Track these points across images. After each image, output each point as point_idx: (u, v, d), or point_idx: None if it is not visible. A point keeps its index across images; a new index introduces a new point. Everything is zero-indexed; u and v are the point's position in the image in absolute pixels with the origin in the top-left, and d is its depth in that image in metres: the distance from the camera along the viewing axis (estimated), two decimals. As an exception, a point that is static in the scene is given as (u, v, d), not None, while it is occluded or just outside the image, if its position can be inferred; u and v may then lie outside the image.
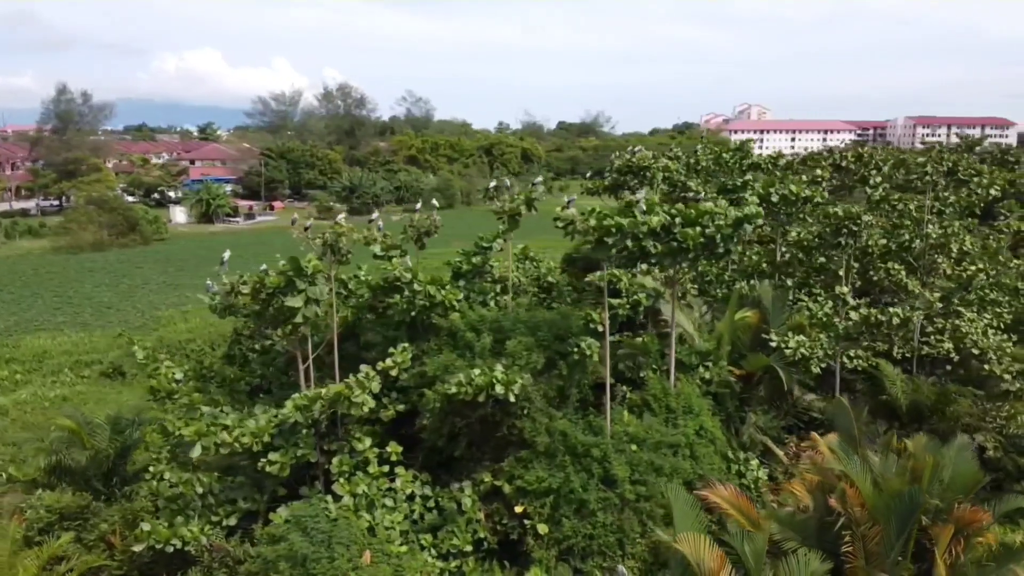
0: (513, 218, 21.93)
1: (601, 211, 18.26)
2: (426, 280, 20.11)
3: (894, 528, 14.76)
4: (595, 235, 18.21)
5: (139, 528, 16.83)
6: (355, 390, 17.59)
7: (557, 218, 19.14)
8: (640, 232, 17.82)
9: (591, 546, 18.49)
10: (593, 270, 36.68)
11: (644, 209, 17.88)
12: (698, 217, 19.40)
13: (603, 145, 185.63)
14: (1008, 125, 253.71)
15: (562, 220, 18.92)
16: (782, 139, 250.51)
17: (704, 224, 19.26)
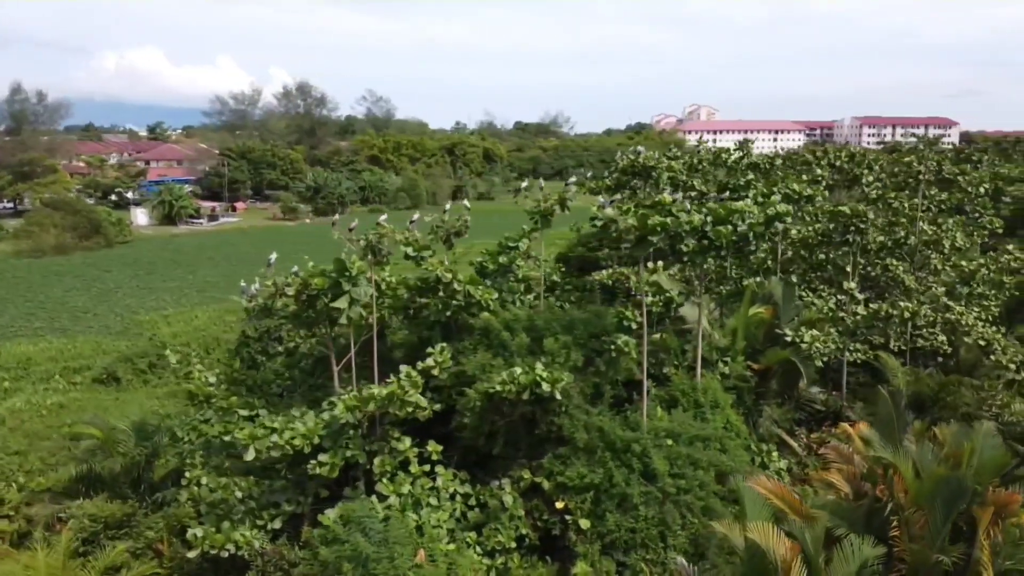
0: (545, 218, 22.17)
1: (643, 211, 18.64)
2: (466, 280, 20.19)
3: (939, 513, 15.38)
4: (636, 234, 18.57)
5: (191, 534, 16.65)
6: (408, 390, 17.64)
7: (595, 217, 19.47)
8: (683, 231, 18.26)
9: (634, 539, 18.86)
10: (589, 269, 37.30)
11: (687, 208, 18.30)
12: (728, 216, 19.95)
13: (563, 145, 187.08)
14: (951, 125, 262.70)
15: (601, 219, 19.25)
16: (735, 139, 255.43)
17: (734, 223, 19.81)
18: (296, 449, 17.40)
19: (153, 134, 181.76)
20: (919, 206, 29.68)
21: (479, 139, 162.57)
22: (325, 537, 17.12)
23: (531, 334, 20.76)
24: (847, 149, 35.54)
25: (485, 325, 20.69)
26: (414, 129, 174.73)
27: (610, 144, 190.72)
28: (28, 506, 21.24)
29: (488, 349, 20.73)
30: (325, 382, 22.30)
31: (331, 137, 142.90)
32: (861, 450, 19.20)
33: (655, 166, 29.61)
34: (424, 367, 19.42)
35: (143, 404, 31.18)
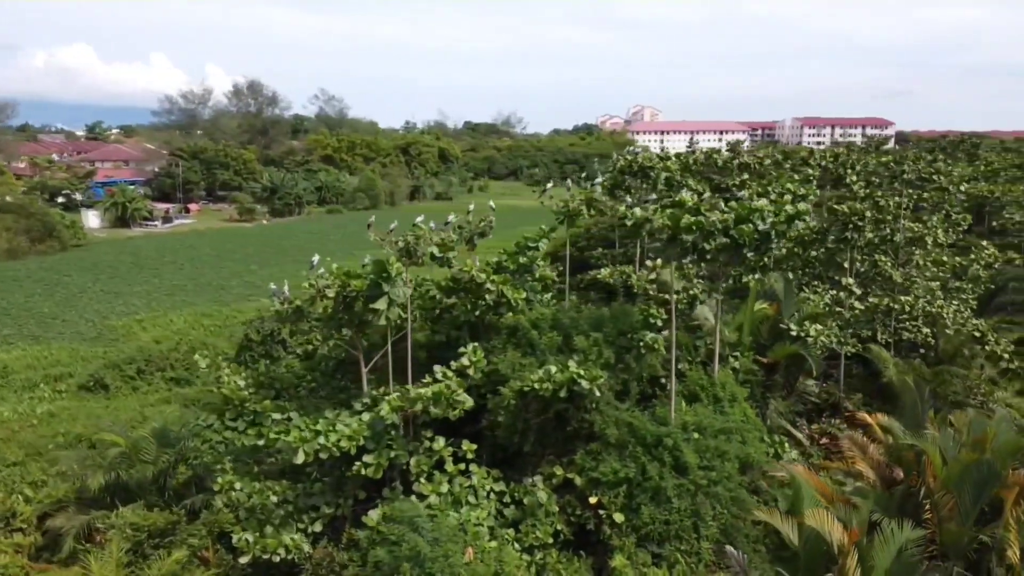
0: (572, 218, 22.48)
1: (673, 211, 19.12)
2: (500, 280, 20.36)
3: (970, 495, 16.26)
4: (668, 233, 19.04)
5: (240, 539, 16.50)
6: (456, 389, 17.77)
7: (624, 216, 19.89)
8: (716, 229, 18.80)
9: (668, 531, 19.32)
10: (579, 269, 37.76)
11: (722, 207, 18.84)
12: (748, 215, 20.57)
13: (516, 145, 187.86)
14: (887, 125, 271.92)
15: (631, 219, 19.67)
16: (681, 140, 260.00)
17: (754, 221, 20.45)
18: (343, 451, 17.36)
19: (93, 134, 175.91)
20: (902, 204, 30.93)
21: (434, 139, 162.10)
22: (372, 538, 17.17)
23: (557, 332, 21.09)
24: (831, 150, 36.79)
25: (514, 324, 20.91)
26: (366, 128, 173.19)
27: (562, 144, 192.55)
28: (45, 518, 20.68)
29: (516, 348, 20.98)
30: (348, 384, 22.24)
31: (284, 137, 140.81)
32: (882, 439, 20.09)
33: (653, 166, 30.19)
34: (459, 366, 19.56)
35: (137, 411, 30.54)
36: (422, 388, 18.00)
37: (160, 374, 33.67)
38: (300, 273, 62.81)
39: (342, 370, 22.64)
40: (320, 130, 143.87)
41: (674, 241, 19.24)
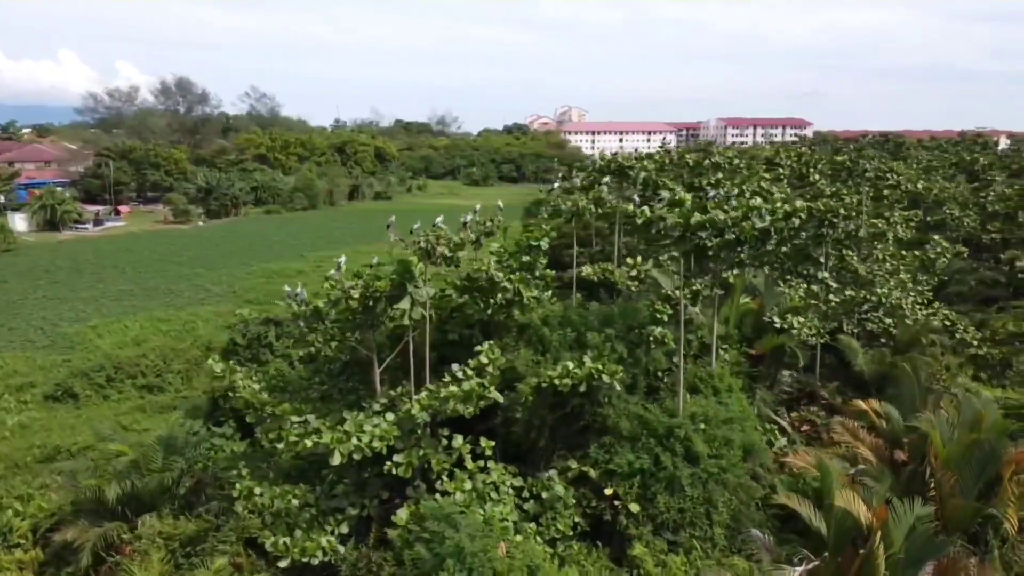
0: (578, 217, 22.91)
1: (684, 209, 19.80)
2: (517, 279, 20.64)
3: (973, 472, 17.48)
4: (680, 232, 19.72)
5: (279, 543, 16.39)
6: (489, 386, 18.01)
7: (631, 215, 20.48)
8: (727, 227, 19.56)
9: (683, 519, 20.04)
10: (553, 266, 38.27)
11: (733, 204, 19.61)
12: (748, 213, 21.45)
13: (453, 145, 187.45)
14: (805, 125, 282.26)
15: (640, 217, 20.27)
16: (611, 140, 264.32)
17: (752, 219, 21.33)
18: (375, 451, 17.40)
19: (7, 133, 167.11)
20: (862, 200, 32.58)
21: (369, 137, 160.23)
22: (405, 536, 17.27)
23: (570, 329, 21.54)
24: (794, 149, 38.36)
25: (525, 322, 21.25)
26: (299, 127, 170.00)
27: (498, 144, 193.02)
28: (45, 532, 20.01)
29: (528, 346, 21.35)
30: (355, 385, 22.18)
31: (214, 136, 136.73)
32: (876, 424, 21.27)
33: (632, 166, 30.96)
34: (476, 364, 19.79)
35: (112, 420, 29.60)
36: (452, 387, 18.12)
37: (130, 382, 32.63)
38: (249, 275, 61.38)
39: (347, 372, 22.54)
40: (252, 129, 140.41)
41: (683, 239, 19.91)
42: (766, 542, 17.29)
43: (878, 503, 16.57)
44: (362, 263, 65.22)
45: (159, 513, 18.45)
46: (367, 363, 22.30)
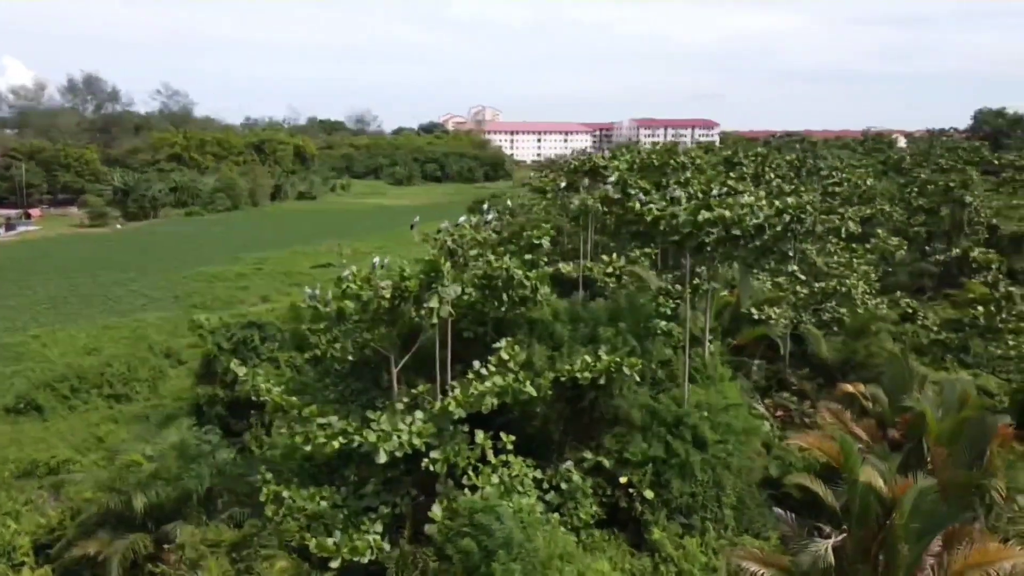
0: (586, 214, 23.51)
1: (696, 206, 20.74)
2: (536, 276, 21.07)
3: (967, 446, 19.02)
4: (689, 228, 20.66)
5: (328, 543, 16.41)
6: (524, 382, 18.43)
7: (641, 213, 21.29)
8: (733, 223, 20.61)
9: (695, 503, 21.05)
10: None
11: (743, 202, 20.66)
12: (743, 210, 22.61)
13: (374, 143, 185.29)
14: (713, 126, 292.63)
15: (649, 215, 21.11)
16: (530, 140, 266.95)
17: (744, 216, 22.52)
18: (415, 448, 17.59)
19: None
20: (815, 198, 34.53)
21: (288, 136, 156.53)
22: (445, 532, 17.50)
23: (584, 324, 22.19)
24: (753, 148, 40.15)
25: (538, 319, 21.76)
26: (212, 125, 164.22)
27: (420, 143, 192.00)
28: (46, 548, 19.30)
29: (540, 341, 21.86)
30: (367, 386, 22.20)
31: (127, 135, 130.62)
32: (865, 406, 22.78)
33: (607, 166, 31.87)
34: (497, 361, 20.19)
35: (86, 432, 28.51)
36: (487, 382, 18.47)
37: (96, 392, 31.39)
38: (187, 279, 59.39)
39: (355, 373, 22.52)
40: (165, 127, 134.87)
41: (690, 235, 20.86)
42: (789, 519, 18.29)
43: (890, 473, 17.88)
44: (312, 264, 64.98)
45: (187, 521, 18.07)
46: (376, 364, 22.41)
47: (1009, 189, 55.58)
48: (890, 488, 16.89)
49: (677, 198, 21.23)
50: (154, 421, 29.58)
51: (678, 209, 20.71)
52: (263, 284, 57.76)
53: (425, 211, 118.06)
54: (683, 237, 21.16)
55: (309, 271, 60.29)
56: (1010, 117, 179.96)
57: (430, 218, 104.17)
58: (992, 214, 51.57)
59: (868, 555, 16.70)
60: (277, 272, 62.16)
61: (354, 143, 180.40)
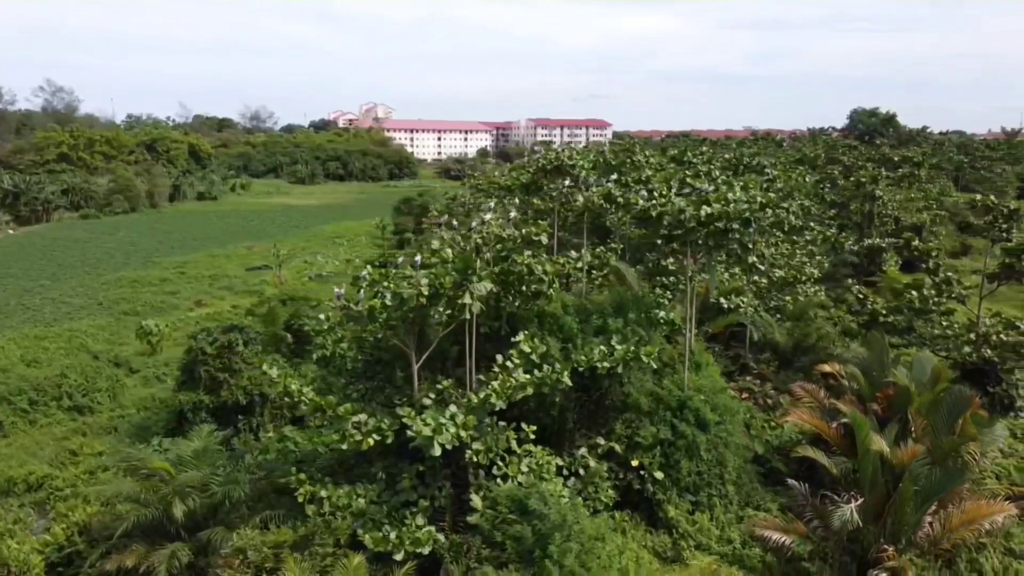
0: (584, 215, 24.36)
1: (698, 201, 22.04)
2: (554, 271, 21.74)
3: (946, 415, 21.06)
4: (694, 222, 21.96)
5: (388, 540, 16.65)
6: (561, 372, 19.16)
7: (646, 209, 22.43)
8: (731, 216, 22.02)
9: (701, 481, 22.39)
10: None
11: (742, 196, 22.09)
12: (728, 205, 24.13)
13: (271, 141, 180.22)
14: (606, 126, 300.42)
15: (653, 209, 22.29)
16: (430, 139, 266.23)
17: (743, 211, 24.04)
18: (462, 440, 18.04)
19: None
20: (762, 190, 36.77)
21: (182, 134, 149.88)
22: (491, 519, 18.02)
23: (595, 316, 23.12)
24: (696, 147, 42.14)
25: (550, 312, 22.52)
26: (96, 124, 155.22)
27: (320, 141, 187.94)
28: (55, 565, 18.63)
29: (551, 334, 22.63)
30: (382, 384, 22.32)
31: (9, 134, 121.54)
32: (842, 385, 24.76)
33: (575, 164, 32.91)
34: (519, 353, 20.82)
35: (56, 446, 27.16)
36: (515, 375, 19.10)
37: (56, 404, 29.81)
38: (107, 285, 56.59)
39: (368, 372, 22.60)
40: (50, 126, 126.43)
41: (693, 229, 22.17)
42: (803, 490, 19.87)
43: (890, 444, 19.73)
44: (240, 266, 63.78)
45: (228, 526, 17.84)
46: (388, 362, 22.58)
47: (906, 184, 60.47)
48: (897, 456, 18.69)
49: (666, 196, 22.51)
50: (125, 432, 28.46)
51: (681, 203, 21.94)
52: (191, 288, 55.76)
53: (335, 210, 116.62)
54: (686, 231, 22.40)
55: (242, 274, 58.79)
56: (882, 116, 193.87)
57: (345, 217, 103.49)
58: (896, 207, 56.09)
59: (879, 517, 18.46)
60: (202, 276, 60.11)
61: (251, 141, 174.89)
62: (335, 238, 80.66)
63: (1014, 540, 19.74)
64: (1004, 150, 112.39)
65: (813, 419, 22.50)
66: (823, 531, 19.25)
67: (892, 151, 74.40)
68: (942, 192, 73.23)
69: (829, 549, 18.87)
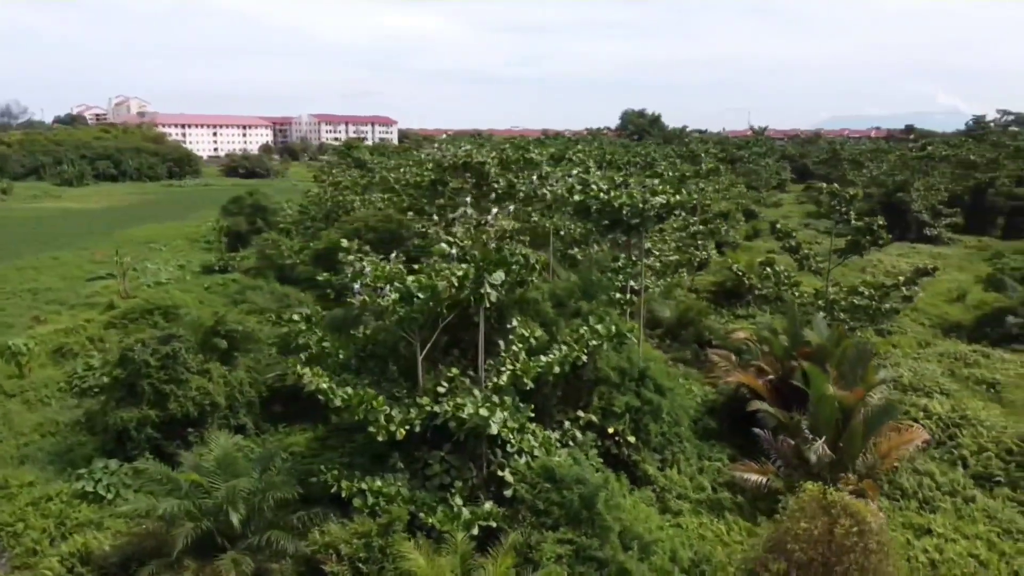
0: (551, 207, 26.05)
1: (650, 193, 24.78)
2: (543, 260, 23.27)
3: (857, 365, 25.59)
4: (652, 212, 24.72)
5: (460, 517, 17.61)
6: (580, 352, 20.90)
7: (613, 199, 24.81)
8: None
9: (665, 440, 25.26)
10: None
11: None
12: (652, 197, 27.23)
13: (29, 140, 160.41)
14: (392, 123, 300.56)
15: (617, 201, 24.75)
16: (205, 134, 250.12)
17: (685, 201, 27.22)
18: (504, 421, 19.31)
19: None
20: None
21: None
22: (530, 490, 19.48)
23: (555, 301, 25.04)
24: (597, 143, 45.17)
25: (531, 299, 24.17)
26: None
27: (86, 138, 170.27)
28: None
29: (532, 319, 24.30)
30: (378, 378, 22.70)
31: None
32: (755, 347, 28.83)
33: (485, 162, 34.73)
34: (519, 337, 22.35)
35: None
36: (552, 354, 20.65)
37: None
38: None
39: (362, 368, 22.88)
40: None
41: (648, 218, 24.96)
42: (767, 437, 23.32)
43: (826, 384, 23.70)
44: (59, 275, 59.29)
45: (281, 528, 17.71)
46: (383, 357, 23.05)
47: (714, 178, 68.57)
48: (847, 399, 22.66)
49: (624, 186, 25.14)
50: (45, 460, 25.89)
51: (647, 194, 24.59)
52: (14, 304, 49.63)
53: (126, 213, 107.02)
54: (643, 220, 25.10)
55: (63, 285, 53.50)
56: (649, 117, 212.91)
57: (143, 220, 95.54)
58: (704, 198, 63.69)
59: (835, 449, 22.34)
60: (19, 290, 53.61)
61: (5, 140, 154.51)
62: (148, 243, 74.94)
63: (916, 462, 24.57)
64: (762, 146, 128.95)
65: (749, 377, 26.21)
66: (785, 469, 22.88)
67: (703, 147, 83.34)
68: (732, 184, 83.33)
69: (795, 482, 22.44)
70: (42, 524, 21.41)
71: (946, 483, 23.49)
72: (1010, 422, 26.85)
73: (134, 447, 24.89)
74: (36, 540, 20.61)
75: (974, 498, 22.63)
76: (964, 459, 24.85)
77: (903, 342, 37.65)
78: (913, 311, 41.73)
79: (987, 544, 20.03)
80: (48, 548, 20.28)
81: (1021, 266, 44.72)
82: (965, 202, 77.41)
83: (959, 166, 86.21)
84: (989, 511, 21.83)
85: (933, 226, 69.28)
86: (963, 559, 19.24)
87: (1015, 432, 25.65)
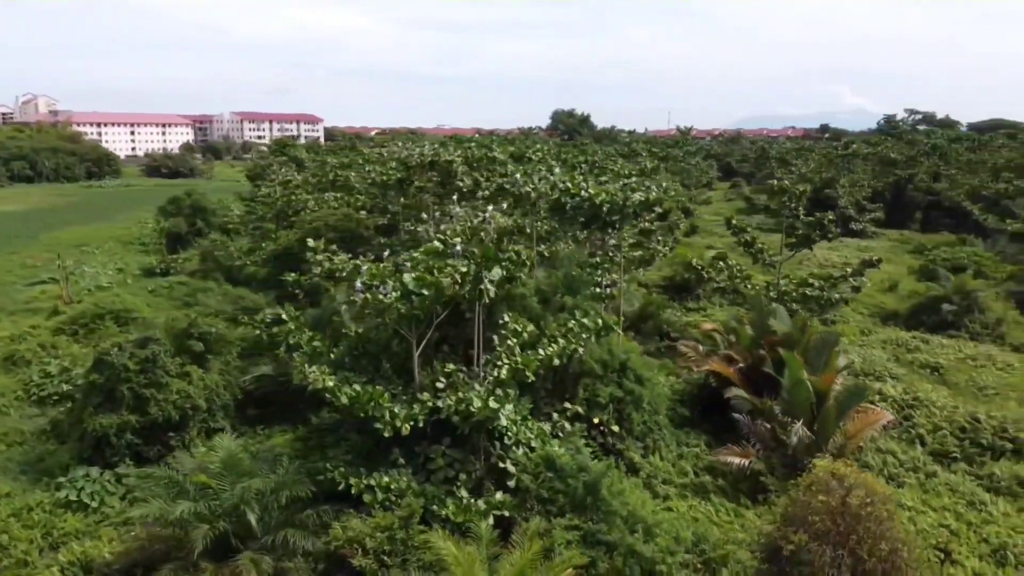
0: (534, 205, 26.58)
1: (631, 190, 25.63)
2: (529, 255, 23.77)
3: (824, 351, 27.04)
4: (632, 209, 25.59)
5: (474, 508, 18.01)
6: (577, 344, 21.52)
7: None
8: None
9: (646, 428, 26.17)
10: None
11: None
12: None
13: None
14: (318, 121, 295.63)
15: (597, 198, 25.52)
16: (122, 133, 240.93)
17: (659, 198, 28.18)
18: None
19: None
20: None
21: None
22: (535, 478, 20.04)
23: (540, 297, 25.63)
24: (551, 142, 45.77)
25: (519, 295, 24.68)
26: None
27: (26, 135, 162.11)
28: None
29: (520, 314, 24.82)
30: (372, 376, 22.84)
31: None
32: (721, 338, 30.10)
33: (453, 161, 35.11)
34: (513, 332, 22.85)
35: None
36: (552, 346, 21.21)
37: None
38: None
39: (355, 365, 22.96)
40: None
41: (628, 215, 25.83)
42: (746, 421, 24.45)
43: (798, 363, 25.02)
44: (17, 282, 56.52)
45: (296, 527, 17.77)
46: (376, 354, 23.19)
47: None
48: (821, 383, 24.01)
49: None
50: (16, 468, 25.00)
51: (629, 193, 25.41)
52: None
53: (49, 216, 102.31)
54: (622, 216, 25.93)
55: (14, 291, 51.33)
56: (579, 117, 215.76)
57: (68, 223, 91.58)
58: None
59: (810, 430, 23.64)
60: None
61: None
62: (79, 246, 72.13)
63: (879, 442, 26.16)
64: (691, 146, 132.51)
65: (721, 366, 27.40)
66: (764, 452, 24.08)
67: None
68: (670, 183, 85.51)
69: (774, 463, 23.65)
70: (28, 535, 20.78)
71: (908, 460, 25.11)
72: (959, 402, 28.81)
73: (114, 453, 24.34)
74: (25, 551, 20.00)
75: (935, 473, 24.28)
76: (921, 437, 26.56)
77: (847, 330, 39.70)
78: (853, 301, 44.00)
79: (955, 515, 21.60)
80: (38, 559, 19.71)
81: (950, 257, 47.74)
82: (886, 198, 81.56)
83: (880, 163, 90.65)
84: (951, 485, 23.47)
85: (859, 221, 72.71)
86: (935, 530, 20.70)
87: (965, 412, 27.57)
